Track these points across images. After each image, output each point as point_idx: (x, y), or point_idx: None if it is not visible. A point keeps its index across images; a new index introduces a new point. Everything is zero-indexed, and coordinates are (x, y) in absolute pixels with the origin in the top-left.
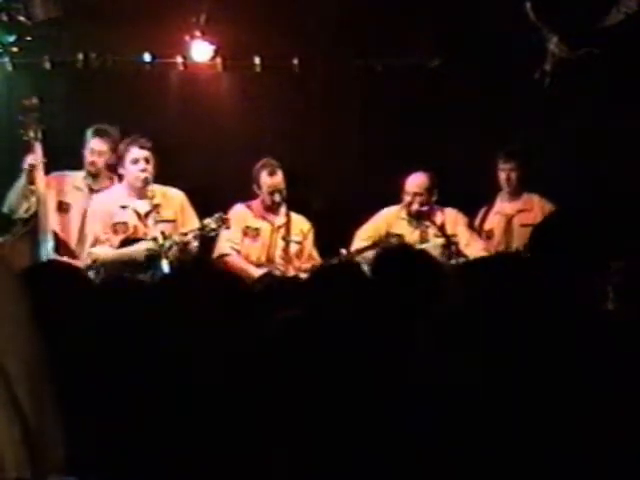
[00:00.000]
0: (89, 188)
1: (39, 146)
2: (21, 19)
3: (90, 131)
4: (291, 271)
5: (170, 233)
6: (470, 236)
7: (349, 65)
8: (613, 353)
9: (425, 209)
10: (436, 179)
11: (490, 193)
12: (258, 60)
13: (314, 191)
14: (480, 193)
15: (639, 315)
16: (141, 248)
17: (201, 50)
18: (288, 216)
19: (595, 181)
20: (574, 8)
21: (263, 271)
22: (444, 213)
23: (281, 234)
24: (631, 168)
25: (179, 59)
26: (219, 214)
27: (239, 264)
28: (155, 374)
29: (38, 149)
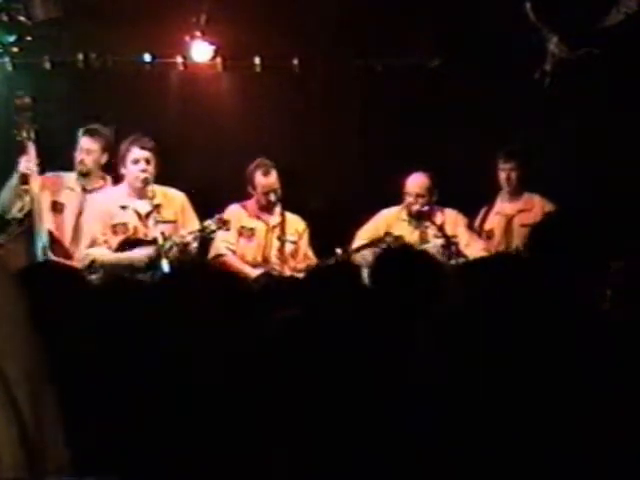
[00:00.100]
0: (82, 188)
1: (32, 146)
2: (21, 19)
3: (81, 131)
4: (287, 271)
5: (170, 234)
6: (470, 237)
7: (349, 65)
8: (613, 353)
9: (425, 209)
10: (436, 179)
11: (490, 193)
12: (258, 60)
13: (314, 191)
14: (480, 193)
15: (639, 315)
16: (141, 255)
17: (201, 50)
18: (283, 216)
19: (595, 181)
20: (574, 8)
21: (259, 271)
22: (444, 214)
23: (276, 234)
24: (631, 168)
25: (179, 59)
26: (219, 215)
27: (235, 264)
28: (155, 374)
29: (32, 149)
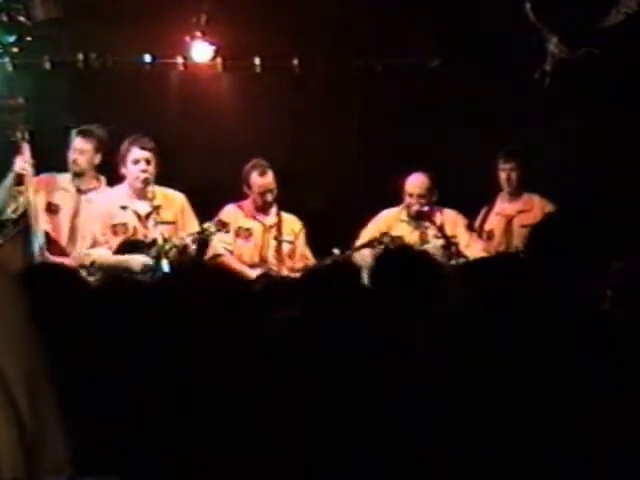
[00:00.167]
0: (77, 189)
1: (27, 147)
2: (21, 19)
3: (75, 131)
4: (284, 271)
5: (170, 235)
6: (470, 237)
7: (349, 65)
8: (613, 353)
9: (425, 210)
10: (436, 179)
11: (490, 193)
12: (258, 60)
13: (314, 191)
14: (480, 193)
15: (639, 315)
16: (138, 261)
17: (201, 50)
18: (279, 216)
19: (595, 181)
20: (574, 8)
21: (257, 271)
22: (443, 214)
23: (273, 234)
24: (631, 168)
25: (179, 59)
26: (219, 218)
27: (233, 265)
28: (155, 374)
29: (26, 150)
